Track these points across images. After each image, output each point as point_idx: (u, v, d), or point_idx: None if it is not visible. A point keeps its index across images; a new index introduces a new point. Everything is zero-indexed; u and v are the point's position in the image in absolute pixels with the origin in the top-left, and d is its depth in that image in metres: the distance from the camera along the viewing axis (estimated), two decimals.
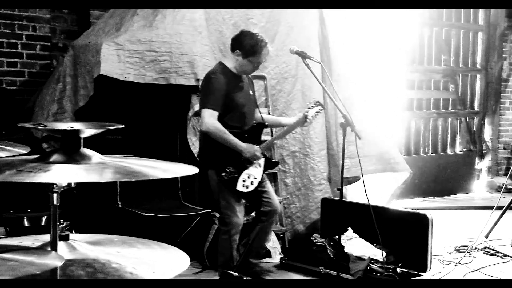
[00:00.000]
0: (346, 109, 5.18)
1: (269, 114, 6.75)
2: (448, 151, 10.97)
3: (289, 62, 7.05)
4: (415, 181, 9.92)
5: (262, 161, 5.42)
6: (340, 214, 5.77)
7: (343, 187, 5.50)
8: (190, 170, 2.31)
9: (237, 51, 5.24)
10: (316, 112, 5.52)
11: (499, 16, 11.19)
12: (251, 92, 5.50)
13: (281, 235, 6.81)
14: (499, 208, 7.37)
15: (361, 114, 7.13)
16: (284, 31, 7.02)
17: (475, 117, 11.32)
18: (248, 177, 5.31)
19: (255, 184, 5.36)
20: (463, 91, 11.15)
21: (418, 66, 10.39)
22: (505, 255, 6.68)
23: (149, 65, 6.11)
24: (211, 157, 5.31)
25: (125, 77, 6.03)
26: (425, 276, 5.78)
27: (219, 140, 5.12)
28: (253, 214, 6.43)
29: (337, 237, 5.66)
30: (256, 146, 5.32)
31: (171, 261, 2.32)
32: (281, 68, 7.05)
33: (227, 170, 5.22)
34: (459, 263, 6.35)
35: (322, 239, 6.52)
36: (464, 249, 6.72)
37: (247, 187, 5.31)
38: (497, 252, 6.78)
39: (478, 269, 6.18)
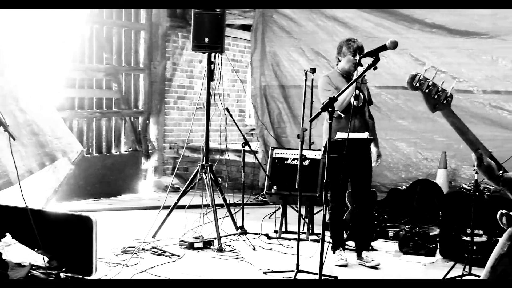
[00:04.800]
0: None
1: None
2: (113, 151, 10.71)
3: None
4: (79, 182, 9.56)
5: None
6: None
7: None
8: None
9: None
10: None
11: (161, 16, 11.22)
12: None
13: None
14: (166, 207, 7.40)
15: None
16: None
17: (140, 117, 11.20)
18: None
19: None
20: (127, 90, 10.97)
21: (79, 65, 9.97)
22: (173, 255, 6.62)
23: None
24: None
25: None
26: None
27: None
28: None
29: None
30: None
31: None
32: None
33: None
34: (126, 264, 6.15)
35: None
36: (131, 250, 6.55)
37: None
38: (164, 251, 6.71)
39: (146, 269, 6.02)
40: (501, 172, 3.03)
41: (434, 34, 9.07)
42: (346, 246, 6.78)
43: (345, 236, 6.85)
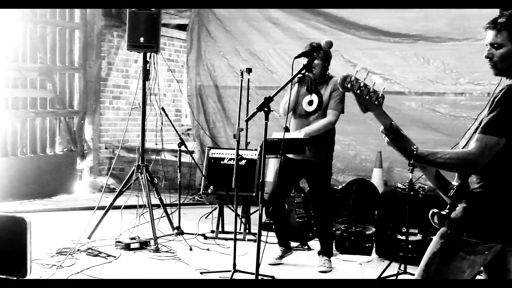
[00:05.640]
0: None
1: None
2: (48, 151, 10.53)
3: None
4: (13, 183, 9.41)
5: None
6: None
7: None
8: None
9: None
10: None
11: (96, 15, 11.09)
12: None
13: None
14: (101, 208, 7.33)
15: None
16: None
17: (75, 117, 11.04)
18: None
19: None
20: (62, 90, 10.79)
21: (13, 64, 9.77)
22: (109, 255, 6.57)
23: None
24: None
25: None
26: None
27: None
28: None
29: None
30: None
31: None
32: None
33: None
34: (61, 266, 6.06)
35: None
36: (67, 252, 6.47)
37: None
38: (100, 252, 6.65)
39: (81, 270, 5.97)
40: (414, 146, 3.06)
41: (367, 36, 9.16)
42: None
43: None
